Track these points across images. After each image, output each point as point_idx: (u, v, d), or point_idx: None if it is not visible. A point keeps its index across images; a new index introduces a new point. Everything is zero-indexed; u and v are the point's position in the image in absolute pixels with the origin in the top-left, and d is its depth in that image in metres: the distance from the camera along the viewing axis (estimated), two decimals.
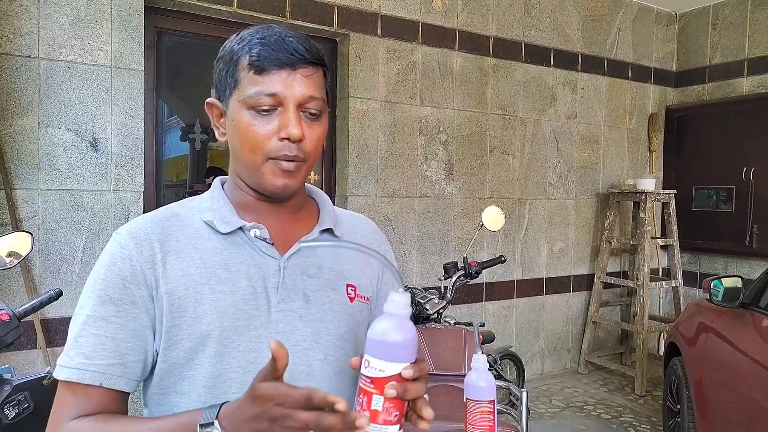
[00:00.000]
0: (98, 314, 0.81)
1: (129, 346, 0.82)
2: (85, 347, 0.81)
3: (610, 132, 4.65)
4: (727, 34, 4.63)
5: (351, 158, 3.44)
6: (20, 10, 2.52)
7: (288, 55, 0.82)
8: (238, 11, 3.04)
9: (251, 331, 0.83)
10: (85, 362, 0.80)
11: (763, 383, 2.12)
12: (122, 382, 0.81)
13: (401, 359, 0.69)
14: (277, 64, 0.82)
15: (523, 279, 4.23)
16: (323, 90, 0.87)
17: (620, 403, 3.89)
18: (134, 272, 0.82)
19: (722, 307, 2.60)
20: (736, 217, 4.41)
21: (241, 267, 0.86)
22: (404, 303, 0.70)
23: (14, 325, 1.49)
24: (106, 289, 0.82)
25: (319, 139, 0.87)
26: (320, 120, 0.87)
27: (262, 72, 0.82)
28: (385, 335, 0.69)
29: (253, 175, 0.86)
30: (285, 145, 0.83)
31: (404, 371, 0.68)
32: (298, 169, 0.85)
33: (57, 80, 2.60)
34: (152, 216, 0.89)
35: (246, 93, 0.83)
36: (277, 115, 0.83)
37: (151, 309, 0.83)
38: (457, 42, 3.79)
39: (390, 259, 1.04)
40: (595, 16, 4.47)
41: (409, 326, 0.70)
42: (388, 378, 0.68)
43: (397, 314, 0.70)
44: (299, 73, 0.83)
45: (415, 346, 0.71)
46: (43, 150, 2.59)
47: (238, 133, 0.85)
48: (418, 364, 0.71)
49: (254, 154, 0.84)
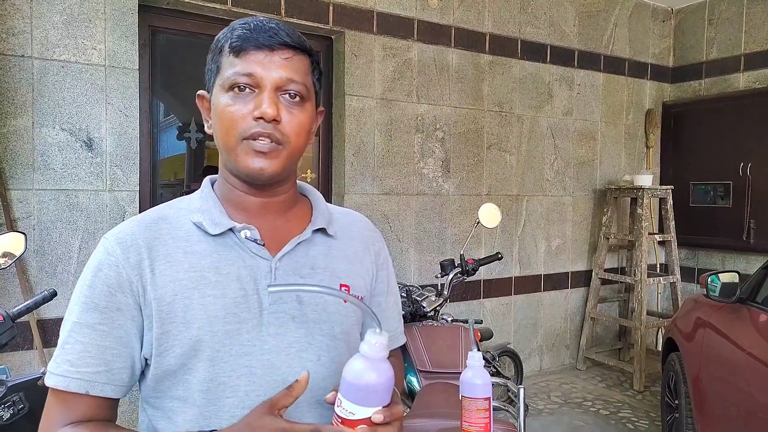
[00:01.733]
0: (84, 321, 0.81)
1: (115, 353, 0.81)
2: (71, 354, 0.80)
3: (607, 128, 4.65)
4: (724, 29, 4.63)
5: (347, 156, 3.43)
6: (13, 10, 2.51)
7: (267, 36, 0.82)
8: (233, 9, 3.03)
9: (243, 334, 0.82)
10: (71, 369, 0.79)
11: (760, 378, 2.12)
12: (108, 389, 0.81)
13: (373, 403, 0.68)
14: (256, 45, 0.82)
15: (521, 276, 4.23)
16: (307, 76, 0.86)
17: (619, 399, 3.89)
18: (120, 280, 0.81)
19: (719, 303, 2.60)
20: (734, 212, 4.41)
21: (231, 269, 0.84)
22: (380, 345, 0.69)
23: (8, 326, 1.48)
24: (92, 296, 0.81)
25: (300, 125, 0.85)
26: (303, 107, 0.86)
27: (239, 53, 0.82)
28: (357, 378, 0.68)
29: (230, 158, 0.85)
30: (259, 123, 0.81)
31: (374, 416, 0.68)
32: (275, 151, 0.83)
33: (51, 80, 2.59)
34: (140, 220, 0.88)
35: (225, 75, 0.83)
36: (254, 97, 0.82)
37: (138, 317, 0.82)
38: (453, 39, 3.79)
39: (384, 255, 1.03)
40: (591, 12, 4.46)
41: (384, 369, 0.69)
42: (357, 421, 0.67)
43: (371, 357, 0.68)
44: (277, 55, 0.83)
45: (389, 389, 0.69)
46: (38, 150, 2.57)
47: (217, 117, 0.85)
48: (390, 408, 0.70)
49: (228, 135, 0.83)
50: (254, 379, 0.82)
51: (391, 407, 0.71)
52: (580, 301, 4.58)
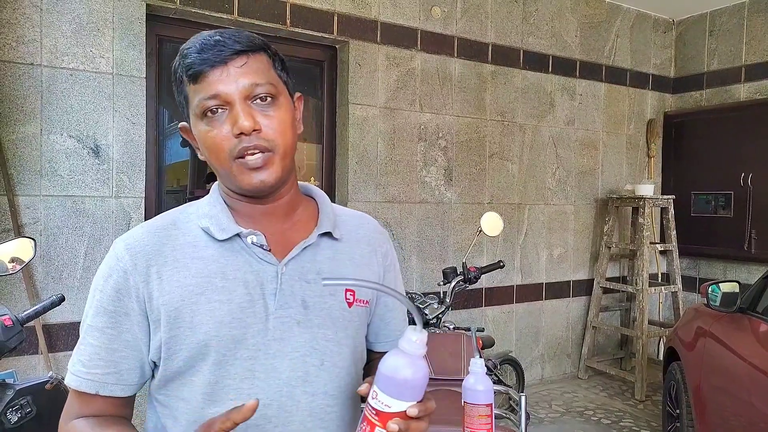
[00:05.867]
0: (95, 324, 0.85)
1: (123, 355, 0.84)
2: (83, 356, 0.85)
3: (609, 138, 4.67)
4: (725, 40, 4.66)
5: (351, 164, 3.46)
6: (23, 19, 2.55)
7: (215, 53, 0.81)
8: (239, 19, 3.07)
9: (249, 339, 0.84)
10: (83, 370, 0.84)
11: (760, 387, 2.13)
12: (118, 389, 0.85)
13: (409, 398, 0.70)
14: (209, 65, 0.81)
15: (523, 284, 4.24)
16: (269, 72, 0.85)
17: (620, 408, 3.89)
18: (128, 285, 0.84)
19: (720, 312, 2.61)
20: (735, 222, 4.42)
21: (237, 274, 0.85)
22: (420, 343, 0.71)
23: (17, 330, 1.50)
24: (102, 301, 0.85)
25: (281, 123, 0.84)
26: (277, 104, 0.84)
27: (197, 79, 0.82)
28: (396, 372, 0.70)
29: (228, 180, 0.86)
30: (242, 140, 0.81)
31: (410, 409, 0.70)
32: (268, 161, 0.83)
33: (59, 87, 2.62)
34: (149, 226, 0.89)
35: (193, 104, 0.84)
36: (228, 115, 0.82)
37: (143, 322, 0.84)
38: (456, 49, 3.82)
39: (391, 257, 1.03)
40: (593, 23, 4.50)
41: (422, 366, 0.71)
42: (393, 414, 0.69)
43: (411, 353, 0.70)
44: (232, 66, 0.82)
45: (424, 386, 0.71)
46: (45, 156, 2.60)
47: (202, 145, 0.85)
48: (425, 403, 0.72)
49: (219, 159, 0.84)
50: (256, 382, 0.84)
51: (426, 402, 0.72)
52: (582, 309, 4.58)
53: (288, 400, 0.84)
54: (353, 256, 0.95)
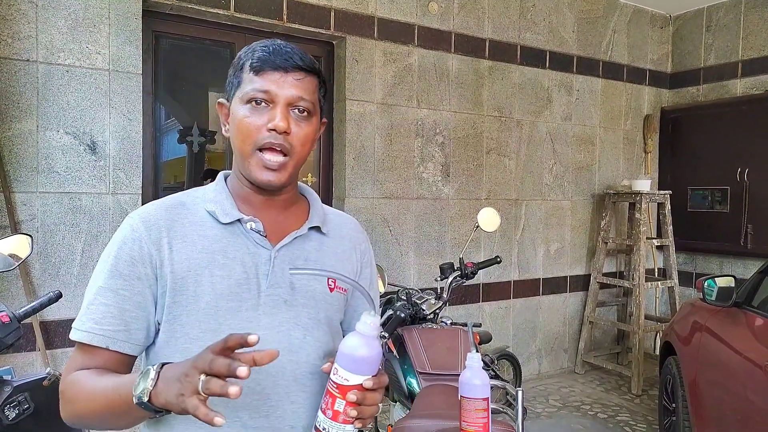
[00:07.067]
0: (108, 286, 0.93)
1: (134, 315, 0.93)
2: (95, 314, 0.92)
3: (606, 133, 4.68)
4: (721, 36, 4.67)
5: (348, 160, 3.46)
6: (18, 15, 2.54)
7: (282, 60, 0.95)
8: (236, 15, 3.06)
9: (242, 312, 0.94)
10: (95, 327, 0.92)
11: (756, 381, 2.15)
12: (126, 347, 0.93)
13: (365, 372, 0.81)
14: (273, 67, 0.94)
15: (520, 279, 4.25)
16: (314, 95, 0.98)
17: (617, 403, 3.91)
18: (142, 253, 0.94)
19: (716, 307, 2.62)
20: (731, 217, 4.44)
21: (237, 254, 0.97)
22: (374, 325, 0.82)
23: (14, 327, 1.50)
24: (117, 265, 0.94)
25: (306, 136, 0.97)
26: (309, 120, 0.98)
27: (259, 72, 0.95)
28: (353, 351, 0.81)
29: (244, 165, 0.97)
30: (272, 135, 0.93)
31: (365, 382, 0.81)
32: (283, 165, 0.95)
33: (55, 84, 2.61)
34: (161, 203, 1.00)
35: (245, 90, 0.95)
36: (269, 111, 0.94)
37: (154, 286, 0.94)
38: (453, 44, 3.82)
39: (369, 255, 1.15)
40: (590, 19, 4.50)
41: (375, 345, 0.83)
42: (351, 387, 0.81)
43: (366, 334, 0.82)
44: (291, 76, 0.95)
45: (377, 362, 0.83)
46: (42, 153, 2.60)
47: (235, 126, 0.97)
48: (379, 377, 0.84)
49: (245, 143, 0.95)
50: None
51: (379, 376, 0.84)
52: (579, 305, 4.60)
53: (274, 367, 0.90)
54: (336, 250, 1.07)
